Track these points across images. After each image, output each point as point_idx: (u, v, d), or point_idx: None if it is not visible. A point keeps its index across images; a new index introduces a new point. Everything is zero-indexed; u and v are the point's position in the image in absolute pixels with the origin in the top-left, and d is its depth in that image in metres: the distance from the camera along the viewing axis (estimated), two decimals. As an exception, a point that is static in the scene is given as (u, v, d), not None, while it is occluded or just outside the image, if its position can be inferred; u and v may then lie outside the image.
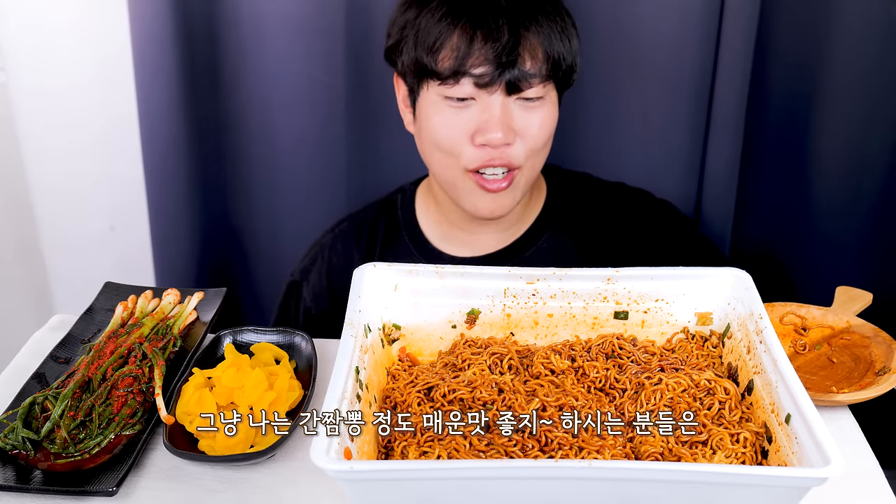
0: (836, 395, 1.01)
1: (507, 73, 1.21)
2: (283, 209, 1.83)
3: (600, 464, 0.76)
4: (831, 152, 1.69)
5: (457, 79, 1.23)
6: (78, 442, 0.94)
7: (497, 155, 1.26)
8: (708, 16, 1.57)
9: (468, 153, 1.26)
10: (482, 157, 1.26)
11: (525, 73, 1.22)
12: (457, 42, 1.22)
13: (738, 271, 1.00)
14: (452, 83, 1.23)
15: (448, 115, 1.26)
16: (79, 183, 1.90)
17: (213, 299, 1.17)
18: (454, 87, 1.24)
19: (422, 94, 1.29)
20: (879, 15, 1.57)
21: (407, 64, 1.28)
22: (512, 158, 1.26)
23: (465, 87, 1.23)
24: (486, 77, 1.21)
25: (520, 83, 1.22)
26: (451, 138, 1.27)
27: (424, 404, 0.92)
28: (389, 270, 1.01)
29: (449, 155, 1.28)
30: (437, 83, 1.25)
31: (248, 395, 0.98)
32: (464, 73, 1.22)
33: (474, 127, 1.25)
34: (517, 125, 1.25)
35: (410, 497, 0.78)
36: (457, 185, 1.31)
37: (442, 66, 1.23)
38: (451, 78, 1.23)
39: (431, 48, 1.23)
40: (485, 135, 1.24)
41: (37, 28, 1.77)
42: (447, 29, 1.22)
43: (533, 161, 1.30)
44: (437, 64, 1.23)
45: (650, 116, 1.69)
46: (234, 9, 1.67)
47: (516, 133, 1.25)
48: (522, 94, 1.24)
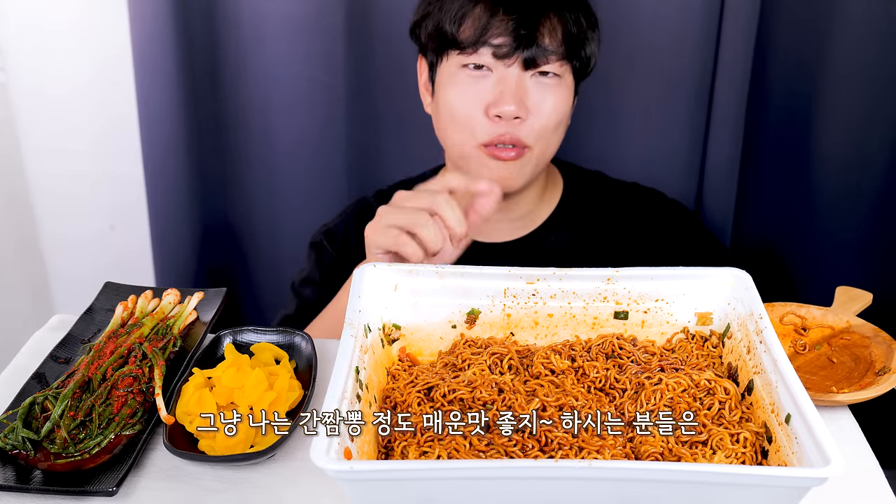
0: (836, 395, 1.01)
1: (523, 46, 1.25)
2: (283, 209, 1.83)
3: (600, 464, 0.76)
4: (831, 151, 1.69)
5: (476, 48, 1.27)
6: (78, 442, 0.94)
7: (508, 130, 1.28)
8: (708, 15, 1.57)
9: (482, 126, 1.29)
10: (494, 132, 1.29)
11: (542, 48, 1.26)
12: (479, 13, 1.26)
13: (738, 271, 1.00)
14: (471, 52, 1.27)
15: (465, 86, 1.29)
16: (79, 183, 1.90)
17: (213, 299, 1.17)
18: (472, 55, 1.28)
19: (441, 68, 1.33)
20: (879, 14, 1.57)
21: (430, 32, 1.32)
22: (522, 135, 1.29)
23: (484, 56, 1.27)
24: (505, 48, 1.25)
25: (536, 58, 1.26)
26: (467, 110, 1.30)
27: (424, 404, 0.92)
28: (389, 270, 1.01)
29: (462, 128, 1.31)
30: (456, 53, 1.29)
31: (248, 395, 0.98)
32: (484, 42, 1.26)
33: (489, 99, 1.28)
34: (530, 101, 1.28)
35: (410, 497, 0.78)
36: (470, 158, 1.34)
37: (463, 36, 1.27)
38: (471, 47, 1.27)
39: (454, 18, 1.27)
40: (498, 106, 1.27)
41: (37, 28, 1.77)
42: (470, 2, 1.27)
43: (544, 143, 1.32)
44: (458, 33, 1.27)
45: (651, 115, 1.69)
46: (234, 9, 1.67)
47: (529, 110, 1.28)
48: (539, 68, 1.27)
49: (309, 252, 1.55)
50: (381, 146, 1.77)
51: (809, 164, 1.71)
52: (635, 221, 1.47)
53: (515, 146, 1.30)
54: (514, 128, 1.28)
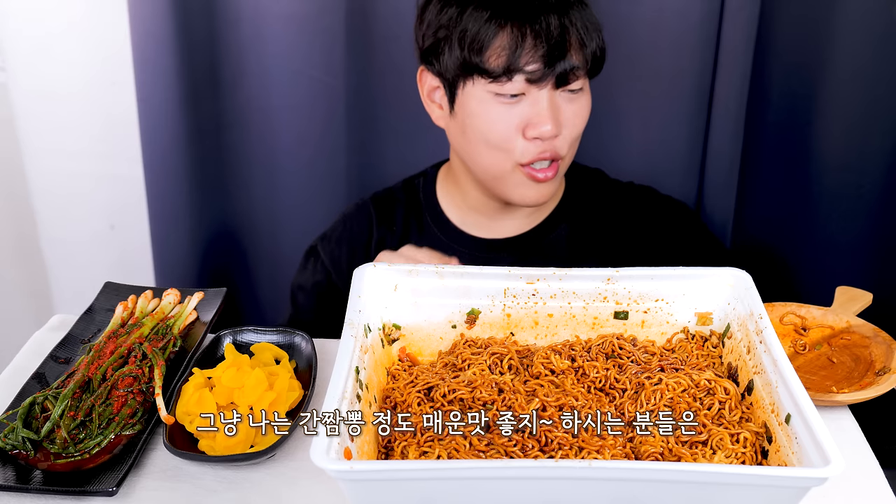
0: (836, 395, 1.01)
1: (557, 67, 1.25)
2: (283, 209, 1.83)
3: (600, 464, 0.76)
4: (831, 151, 1.69)
5: (510, 76, 1.26)
6: (78, 442, 0.94)
7: (546, 147, 1.29)
8: (708, 16, 1.57)
9: (520, 147, 1.29)
10: (534, 151, 1.29)
11: (573, 65, 1.26)
12: (507, 41, 1.24)
13: (738, 271, 1.00)
14: (505, 80, 1.26)
15: (499, 111, 1.29)
16: (79, 183, 1.90)
17: (213, 299, 1.18)
18: (505, 84, 1.26)
19: (465, 91, 1.31)
20: (879, 15, 1.57)
21: (450, 64, 1.30)
22: (558, 149, 1.30)
23: (517, 83, 1.26)
24: (539, 73, 1.25)
25: (568, 76, 1.26)
26: (502, 133, 1.29)
27: (424, 404, 0.92)
28: (389, 270, 1.01)
29: (499, 150, 1.31)
30: (486, 81, 1.27)
31: (248, 395, 0.98)
32: (517, 70, 1.25)
33: (525, 121, 1.28)
34: (562, 116, 1.29)
35: (410, 497, 0.78)
36: (505, 178, 1.34)
37: (492, 65, 1.26)
38: (504, 76, 1.26)
39: (480, 48, 1.26)
40: (537, 128, 1.27)
41: (37, 28, 1.77)
42: (495, 28, 1.25)
43: (572, 150, 1.35)
44: (486, 63, 1.26)
45: (650, 116, 1.69)
46: (234, 9, 1.67)
47: (562, 124, 1.30)
48: (569, 86, 1.28)
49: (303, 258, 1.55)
50: (380, 146, 1.77)
51: (809, 164, 1.70)
52: (637, 219, 1.47)
53: (553, 160, 1.31)
54: (551, 144, 1.29)
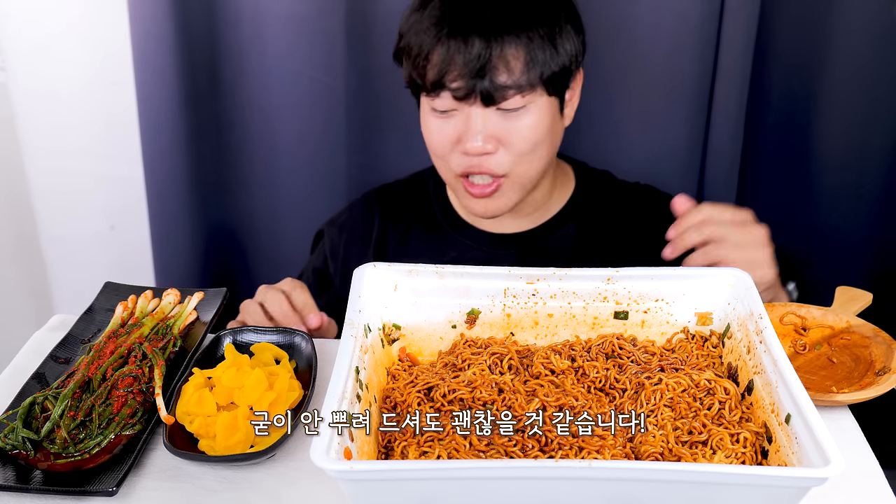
0: (836, 395, 1.01)
1: (479, 86, 1.23)
2: (283, 209, 1.83)
3: (600, 464, 0.76)
4: (831, 151, 1.69)
5: (437, 92, 1.26)
6: (78, 442, 0.94)
7: (479, 162, 1.29)
8: (707, 16, 1.57)
9: (455, 159, 1.31)
10: (466, 164, 1.30)
11: (498, 85, 1.23)
12: (438, 56, 1.24)
13: (738, 271, 1.00)
14: (434, 96, 1.27)
15: (437, 124, 1.31)
16: (79, 183, 1.90)
17: (213, 299, 1.17)
18: (436, 99, 1.28)
19: (422, 102, 1.34)
20: (879, 15, 1.57)
21: (405, 75, 1.33)
22: (494, 167, 1.29)
23: (445, 99, 1.27)
24: (462, 90, 1.24)
25: (494, 95, 1.24)
26: (441, 145, 1.31)
27: (424, 404, 0.92)
28: (389, 270, 1.01)
29: (441, 160, 1.34)
30: (424, 94, 1.30)
31: (248, 395, 0.98)
32: (443, 86, 1.25)
33: (457, 135, 1.29)
34: (500, 134, 1.27)
35: (410, 497, 0.78)
36: (453, 186, 1.37)
37: (426, 80, 1.27)
38: (433, 91, 1.27)
39: (417, 64, 1.27)
40: (464, 144, 1.28)
41: (37, 28, 1.77)
42: (430, 45, 1.25)
43: (521, 167, 1.31)
44: (422, 78, 1.27)
45: (650, 116, 1.69)
46: (234, 9, 1.67)
47: (500, 141, 1.28)
48: (500, 105, 1.25)
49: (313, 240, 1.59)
50: (381, 145, 1.77)
51: (809, 164, 1.71)
52: (643, 220, 1.47)
53: (489, 175, 1.30)
54: (485, 160, 1.28)
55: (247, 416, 0.96)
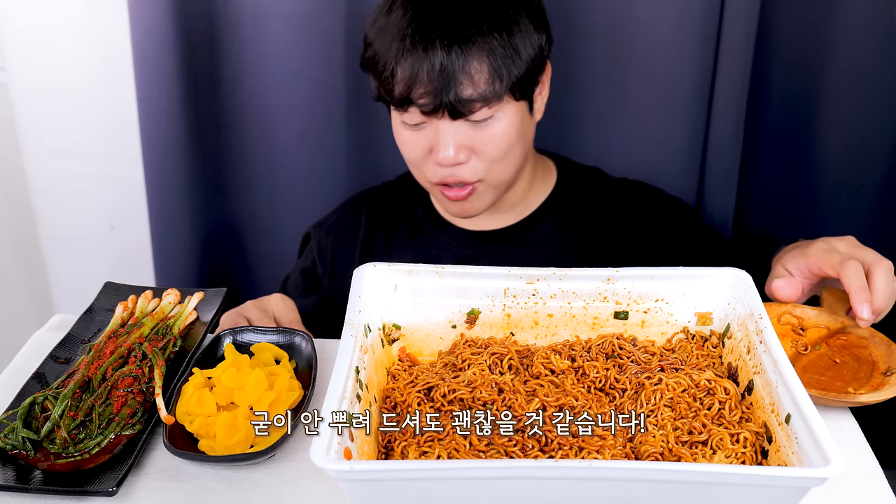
0: (857, 397, 1.00)
1: (444, 100, 1.23)
2: (283, 209, 1.83)
3: (600, 464, 0.76)
4: (832, 151, 1.69)
5: (405, 107, 1.27)
6: (78, 442, 0.94)
7: (452, 171, 1.30)
8: (708, 15, 1.57)
9: (429, 168, 1.32)
10: (440, 174, 1.31)
11: (464, 99, 1.23)
12: (403, 72, 1.24)
13: (737, 271, 1.00)
14: (402, 111, 1.28)
15: (409, 135, 1.32)
16: (79, 183, 1.90)
17: (213, 299, 1.17)
18: (404, 114, 1.28)
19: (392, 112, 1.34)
20: (880, 15, 1.57)
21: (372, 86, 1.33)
22: (467, 175, 1.30)
23: (414, 114, 1.27)
24: (429, 106, 1.24)
25: (460, 109, 1.24)
26: (414, 155, 1.33)
27: (424, 404, 0.92)
28: (389, 270, 1.01)
29: (416, 168, 1.36)
30: (393, 108, 1.30)
31: (248, 395, 0.98)
32: (410, 101, 1.25)
33: (428, 146, 1.30)
34: (470, 143, 1.28)
35: (410, 497, 0.78)
36: (430, 191, 1.39)
37: (394, 95, 1.27)
38: (400, 106, 1.27)
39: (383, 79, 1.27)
40: (436, 155, 1.28)
41: (37, 28, 1.77)
42: (396, 56, 1.24)
43: (496, 172, 1.32)
44: (389, 93, 1.27)
45: (650, 116, 1.69)
46: (234, 9, 1.67)
47: (471, 150, 1.29)
48: (465, 117, 1.26)
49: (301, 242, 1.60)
50: (380, 145, 1.77)
51: (809, 164, 1.70)
52: (630, 214, 1.47)
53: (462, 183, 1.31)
54: (458, 170, 1.29)
55: (247, 416, 0.96)
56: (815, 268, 1.13)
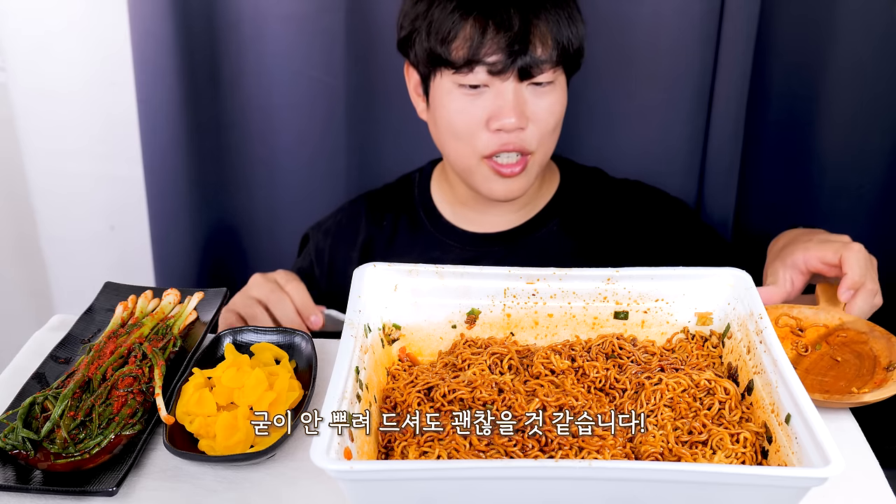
0: (862, 397, 1.00)
1: (518, 60, 1.25)
2: (283, 209, 1.83)
3: (600, 464, 0.76)
4: (832, 151, 1.69)
5: (471, 67, 1.27)
6: (78, 442, 0.94)
7: (510, 140, 1.30)
8: (708, 15, 1.57)
9: (483, 139, 1.31)
10: (497, 143, 1.30)
11: (536, 59, 1.26)
12: (469, 32, 1.26)
13: (738, 271, 1.00)
14: (466, 71, 1.27)
15: (463, 103, 1.30)
16: (78, 183, 1.90)
17: (213, 299, 1.17)
18: (468, 75, 1.28)
19: (435, 83, 1.33)
20: (879, 14, 1.57)
21: (420, 54, 1.32)
22: (525, 143, 1.31)
23: (479, 74, 1.27)
24: (500, 65, 1.26)
25: (531, 69, 1.26)
26: (467, 125, 1.31)
27: (424, 404, 0.92)
28: (389, 270, 1.01)
29: (464, 142, 1.33)
30: (451, 72, 1.29)
31: (248, 395, 0.98)
32: (477, 61, 1.26)
33: (488, 113, 1.29)
34: (529, 110, 1.30)
35: (410, 497, 0.78)
36: (472, 170, 1.36)
37: (456, 56, 1.27)
38: (465, 67, 1.27)
39: (444, 39, 1.27)
40: (499, 120, 1.28)
41: (37, 28, 1.77)
42: (459, 20, 1.26)
43: (545, 145, 1.34)
44: (450, 54, 1.27)
45: (650, 116, 1.69)
46: (234, 9, 1.67)
47: (528, 118, 1.30)
48: (534, 79, 1.28)
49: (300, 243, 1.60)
50: (380, 145, 1.77)
51: (809, 163, 1.70)
52: (633, 216, 1.48)
53: (520, 154, 1.31)
54: (516, 136, 1.30)
55: (247, 416, 0.96)
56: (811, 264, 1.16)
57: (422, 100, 1.40)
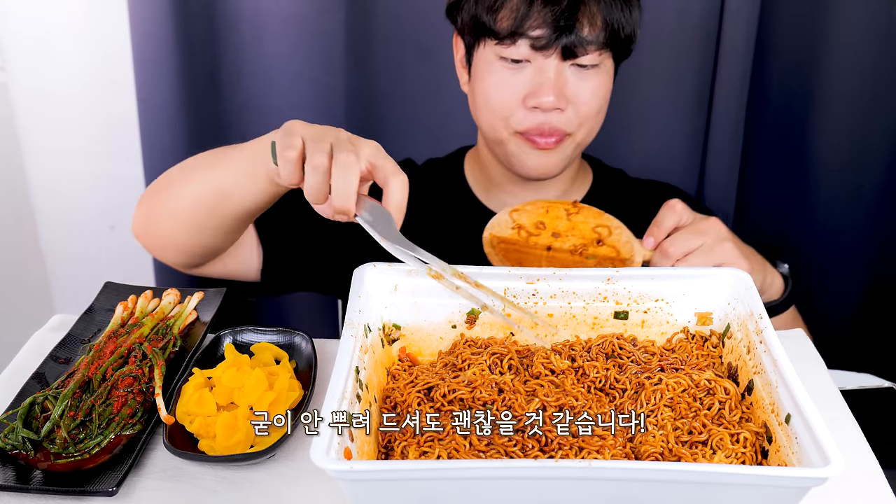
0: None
1: (563, 37, 1.22)
2: (283, 209, 1.83)
3: (600, 464, 0.76)
4: (831, 150, 1.69)
5: (514, 39, 1.23)
6: (78, 442, 0.94)
7: (547, 120, 1.27)
8: (708, 15, 1.57)
9: (519, 116, 1.28)
10: (532, 122, 1.27)
11: (582, 38, 1.22)
12: (517, 3, 1.22)
13: (738, 271, 1.00)
14: (509, 43, 1.24)
15: (503, 76, 1.27)
16: (79, 182, 1.90)
17: (212, 299, 1.17)
18: (510, 47, 1.24)
19: (478, 53, 1.30)
20: (879, 14, 1.57)
21: (466, 21, 1.29)
22: (562, 125, 1.28)
23: (522, 48, 1.24)
24: (543, 39, 1.22)
25: (575, 48, 1.23)
26: (504, 100, 1.28)
27: (424, 404, 0.92)
28: (389, 270, 1.01)
29: (498, 117, 1.30)
30: (493, 42, 1.26)
31: (248, 396, 0.98)
32: (521, 34, 1.23)
33: (527, 90, 1.26)
34: (570, 91, 1.26)
35: (411, 497, 0.78)
36: (505, 144, 1.32)
37: (500, 26, 1.24)
38: (508, 38, 1.23)
39: (492, 7, 1.24)
40: (537, 98, 1.25)
41: (37, 28, 1.77)
42: None
43: (585, 129, 1.31)
44: (495, 23, 1.24)
45: (651, 115, 1.69)
46: (234, 9, 1.67)
47: (568, 100, 1.26)
48: (577, 59, 1.24)
49: None
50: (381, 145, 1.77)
51: (809, 163, 1.71)
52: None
53: (555, 135, 1.28)
54: (554, 118, 1.27)
55: (247, 416, 0.96)
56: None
57: (465, 71, 1.37)
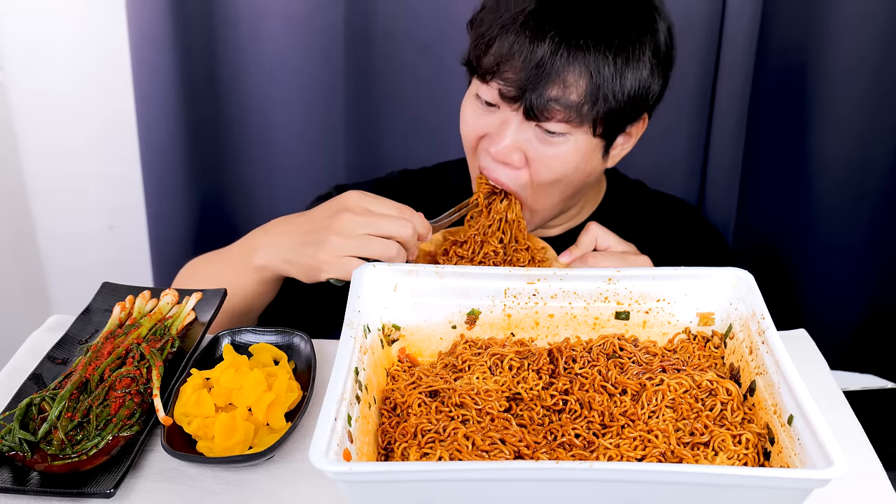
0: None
1: (528, 93, 1.14)
2: (282, 208, 1.83)
3: (601, 465, 0.76)
4: (833, 152, 1.69)
5: (486, 79, 1.18)
6: (75, 443, 0.94)
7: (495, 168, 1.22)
8: (709, 15, 1.57)
9: (481, 154, 1.25)
10: (484, 165, 1.24)
11: (546, 103, 1.14)
12: (499, 47, 1.16)
13: (740, 271, 1.00)
14: (481, 82, 1.20)
15: (474, 112, 1.23)
16: (76, 183, 1.90)
17: (211, 300, 1.17)
18: (482, 87, 1.20)
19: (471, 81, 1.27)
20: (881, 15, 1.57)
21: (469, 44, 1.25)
22: (508, 181, 1.22)
23: (492, 90, 1.18)
24: (510, 92, 1.16)
25: (537, 111, 1.15)
26: (469, 135, 1.25)
27: (425, 405, 0.92)
28: (389, 270, 1.01)
29: (468, 147, 1.27)
30: (475, 77, 1.22)
31: (247, 396, 0.97)
32: (494, 74, 1.17)
33: (486, 133, 1.22)
34: (529, 152, 1.20)
35: (411, 498, 0.78)
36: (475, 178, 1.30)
37: (481, 63, 1.19)
38: (485, 74, 1.18)
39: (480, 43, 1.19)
40: (492, 144, 1.21)
41: (36, 28, 1.77)
42: (498, 31, 1.16)
43: (537, 195, 1.24)
44: (478, 59, 1.19)
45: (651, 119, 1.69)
46: (232, 8, 1.66)
47: (528, 160, 1.20)
48: (539, 123, 1.17)
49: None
50: (379, 144, 1.77)
51: (811, 165, 1.70)
52: (669, 234, 1.43)
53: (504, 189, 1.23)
54: (502, 171, 1.21)
55: (245, 417, 0.96)
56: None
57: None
